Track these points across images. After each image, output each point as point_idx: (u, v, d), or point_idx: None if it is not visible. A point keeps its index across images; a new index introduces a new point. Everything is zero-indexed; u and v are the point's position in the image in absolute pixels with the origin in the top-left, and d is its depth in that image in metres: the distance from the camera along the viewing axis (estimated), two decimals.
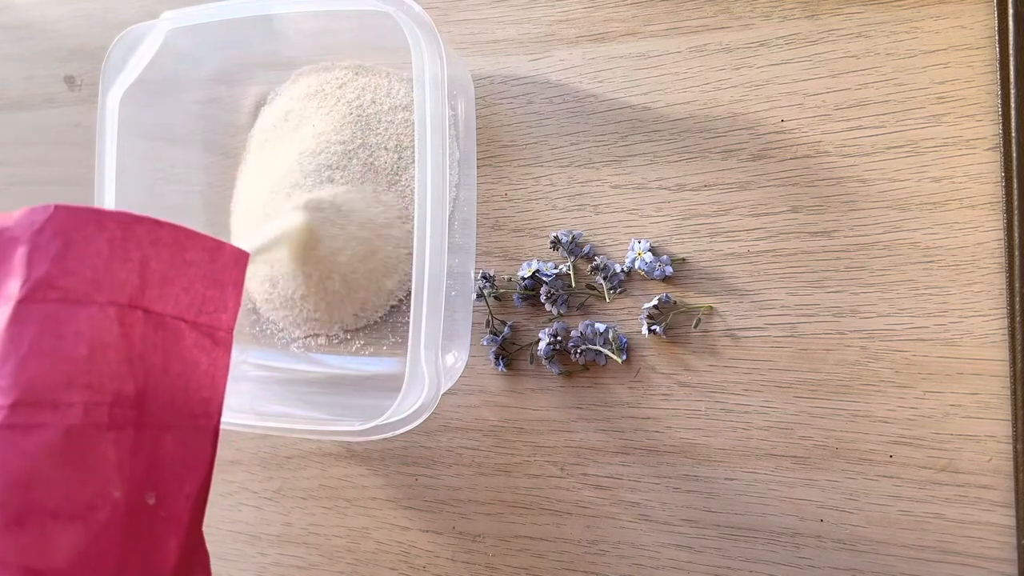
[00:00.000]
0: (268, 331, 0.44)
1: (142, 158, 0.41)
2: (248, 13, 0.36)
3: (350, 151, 0.40)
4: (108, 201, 0.38)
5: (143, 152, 0.41)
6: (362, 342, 0.41)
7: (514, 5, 0.40)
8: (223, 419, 0.36)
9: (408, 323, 0.32)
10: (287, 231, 0.39)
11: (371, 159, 0.40)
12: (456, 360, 0.38)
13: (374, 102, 0.40)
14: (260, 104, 0.44)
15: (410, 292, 0.32)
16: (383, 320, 0.41)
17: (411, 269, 0.32)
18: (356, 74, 0.41)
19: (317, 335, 0.42)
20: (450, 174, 0.39)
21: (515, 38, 0.39)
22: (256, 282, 0.42)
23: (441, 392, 0.32)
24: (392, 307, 0.41)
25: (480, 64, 0.40)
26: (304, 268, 0.39)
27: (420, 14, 0.32)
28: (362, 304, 0.40)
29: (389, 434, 0.32)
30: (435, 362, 0.32)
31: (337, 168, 0.40)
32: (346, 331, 0.41)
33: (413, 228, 0.32)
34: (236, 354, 0.44)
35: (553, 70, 0.39)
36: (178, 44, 0.38)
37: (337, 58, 0.42)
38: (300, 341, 0.43)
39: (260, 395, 0.42)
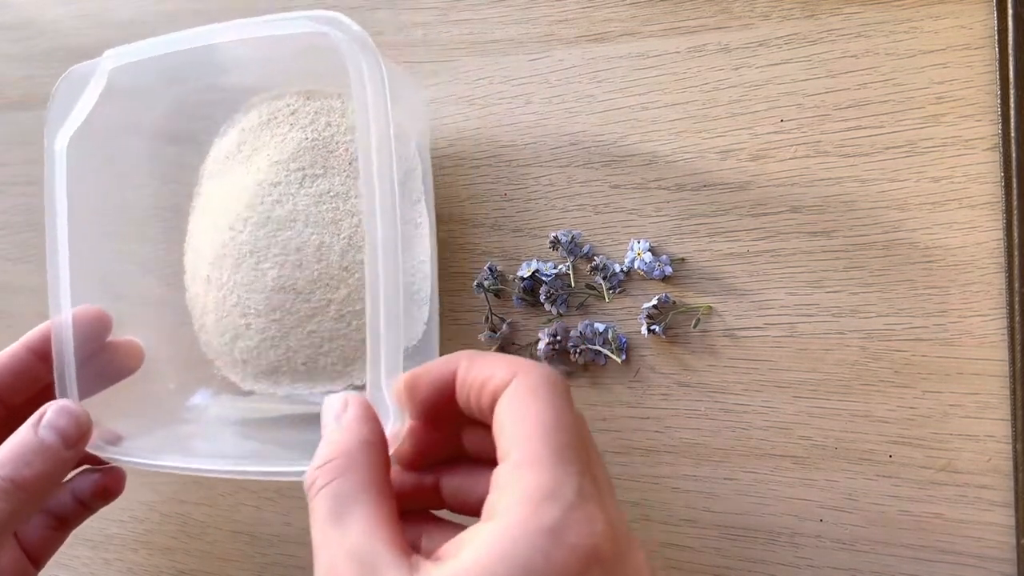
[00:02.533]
0: (223, 372, 0.42)
1: (95, 205, 0.39)
2: (186, 46, 0.35)
3: (310, 177, 0.39)
4: (62, 248, 0.36)
5: (95, 198, 0.39)
6: (324, 378, 0.40)
7: (514, 5, 0.40)
8: (198, 466, 0.35)
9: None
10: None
11: (331, 184, 0.39)
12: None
13: (329, 125, 0.40)
14: (212, 137, 0.43)
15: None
16: (346, 356, 0.39)
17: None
18: (307, 99, 0.41)
19: (280, 373, 0.40)
20: (407, 206, 0.37)
21: (515, 38, 0.39)
22: (217, 324, 0.41)
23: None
24: (357, 341, 0.39)
25: (480, 64, 0.40)
26: (264, 303, 0.38)
27: (359, 33, 0.31)
28: (323, 338, 0.39)
29: None
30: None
31: (297, 197, 0.39)
32: (309, 368, 0.40)
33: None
34: (201, 399, 0.43)
35: (552, 70, 0.39)
36: (123, 82, 0.37)
37: (287, 85, 0.41)
38: (262, 380, 0.41)
39: (221, 436, 0.41)
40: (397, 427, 0.28)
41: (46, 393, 0.37)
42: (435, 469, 0.29)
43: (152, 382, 0.41)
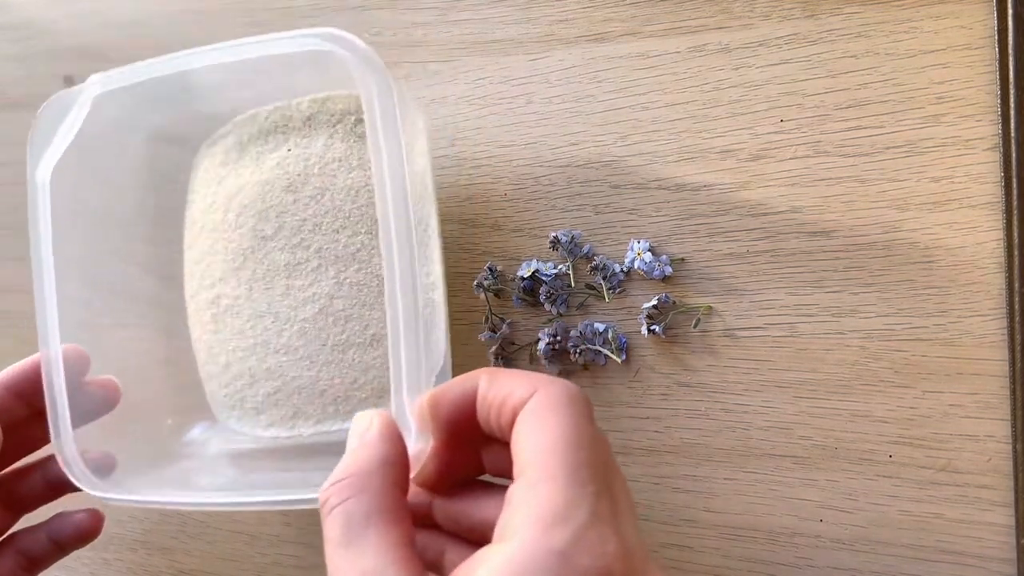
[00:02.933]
0: (230, 424, 0.41)
1: (82, 237, 0.37)
2: (176, 69, 0.33)
3: (345, 168, 0.36)
4: (48, 283, 0.35)
5: (82, 230, 0.37)
6: (337, 412, 0.39)
7: (514, 5, 0.40)
8: (191, 500, 0.34)
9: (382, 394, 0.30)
10: None
11: (368, 176, 0.36)
12: None
13: (359, 122, 0.37)
14: (196, 168, 0.41)
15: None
16: (382, 387, 0.38)
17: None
18: (323, 103, 0.38)
19: (302, 418, 0.39)
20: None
21: (515, 38, 0.39)
22: (226, 369, 0.39)
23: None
24: (365, 371, 0.38)
25: (480, 64, 0.40)
26: (299, 335, 0.37)
27: (365, 50, 0.30)
28: (358, 371, 0.37)
29: None
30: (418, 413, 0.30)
31: (334, 191, 0.36)
32: (338, 408, 0.38)
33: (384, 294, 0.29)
34: (199, 433, 0.41)
35: (553, 70, 0.39)
36: (107, 109, 0.35)
37: (264, 106, 0.39)
38: (278, 427, 0.39)
39: (223, 470, 0.39)
40: (420, 447, 0.28)
41: (19, 429, 0.36)
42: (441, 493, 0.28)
43: (148, 419, 0.40)
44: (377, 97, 0.29)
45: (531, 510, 0.21)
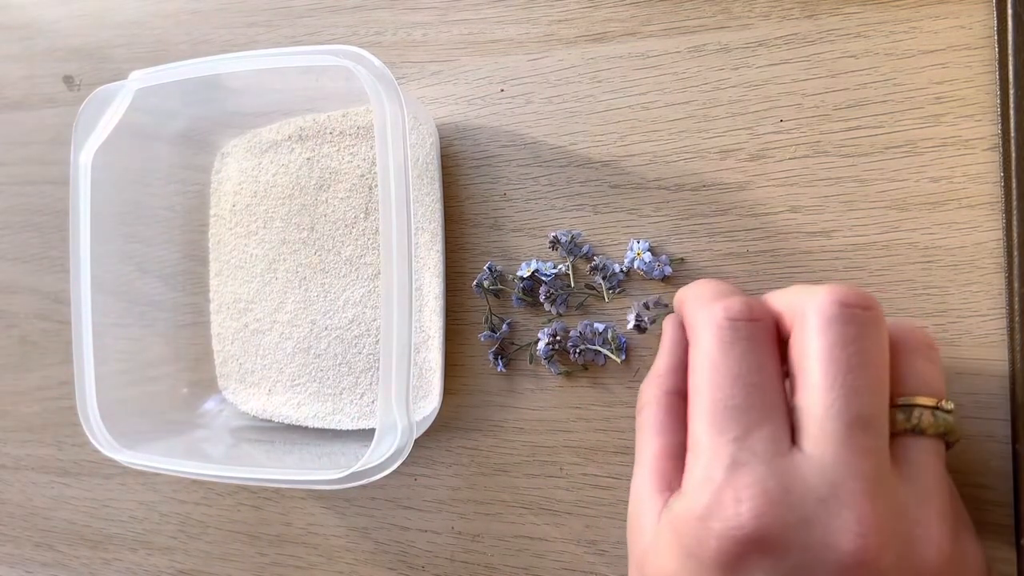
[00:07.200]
0: (249, 380, 0.44)
1: (115, 212, 0.41)
2: (211, 72, 0.36)
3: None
4: (84, 255, 0.38)
5: (116, 206, 0.41)
6: (338, 399, 0.41)
7: (513, 5, 0.40)
8: (204, 472, 0.36)
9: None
10: None
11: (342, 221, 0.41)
12: (426, 407, 0.38)
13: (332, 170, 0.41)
14: (225, 171, 0.44)
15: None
16: (360, 379, 0.41)
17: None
18: (343, 117, 0.41)
19: (297, 389, 0.42)
20: (416, 230, 0.39)
21: (514, 38, 0.39)
22: (248, 332, 0.43)
23: (414, 438, 0.33)
24: (370, 365, 0.41)
25: (479, 64, 0.40)
26: (338, 342, 0.40)
27: (380, 68, 0.33)
28: (343, 362, 0.41)
29: (364, 481, 0.32)
30: (406, 409, 0.32)
31: (370, 198, 0.40)
32: (326, 387, 0.41)
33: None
34: (212, 405, 0.45)
35: (552, 70, 0.39)
36: (147, 103, 0.39)
37: (289, 115, 0.43)
38: (277, 395, 0.43)
39: (236, 443, 0.42)
40: (403, 443, 0.30)
41: None
42: None
43: (165, 387, 0.43)
44: (389, 118, 0.32)
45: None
